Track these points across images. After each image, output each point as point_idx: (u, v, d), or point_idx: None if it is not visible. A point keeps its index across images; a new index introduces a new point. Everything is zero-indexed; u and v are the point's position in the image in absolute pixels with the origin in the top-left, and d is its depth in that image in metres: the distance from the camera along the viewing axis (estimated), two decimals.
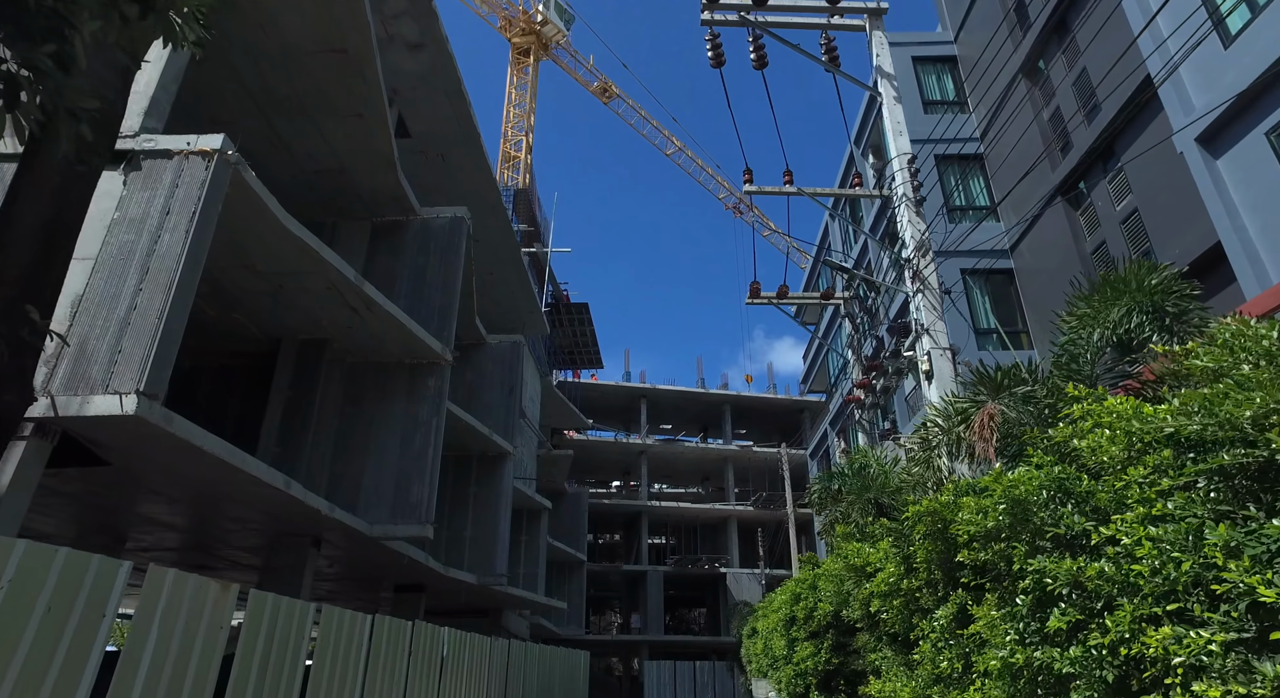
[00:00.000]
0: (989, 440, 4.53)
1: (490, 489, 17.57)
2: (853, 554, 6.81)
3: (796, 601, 9.24)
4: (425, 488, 11.86)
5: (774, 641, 10.68)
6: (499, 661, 10.60)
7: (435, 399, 12.59)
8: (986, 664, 3.55)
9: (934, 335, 8.06)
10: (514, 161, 33.02)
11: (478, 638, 9.46)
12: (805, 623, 8.90)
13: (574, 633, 29.72)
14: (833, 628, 8.54)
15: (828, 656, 8.47)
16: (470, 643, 9.05)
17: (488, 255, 21.53)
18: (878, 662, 6.57)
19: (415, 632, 7.03)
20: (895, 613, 5.71)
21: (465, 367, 19.17)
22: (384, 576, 16.27)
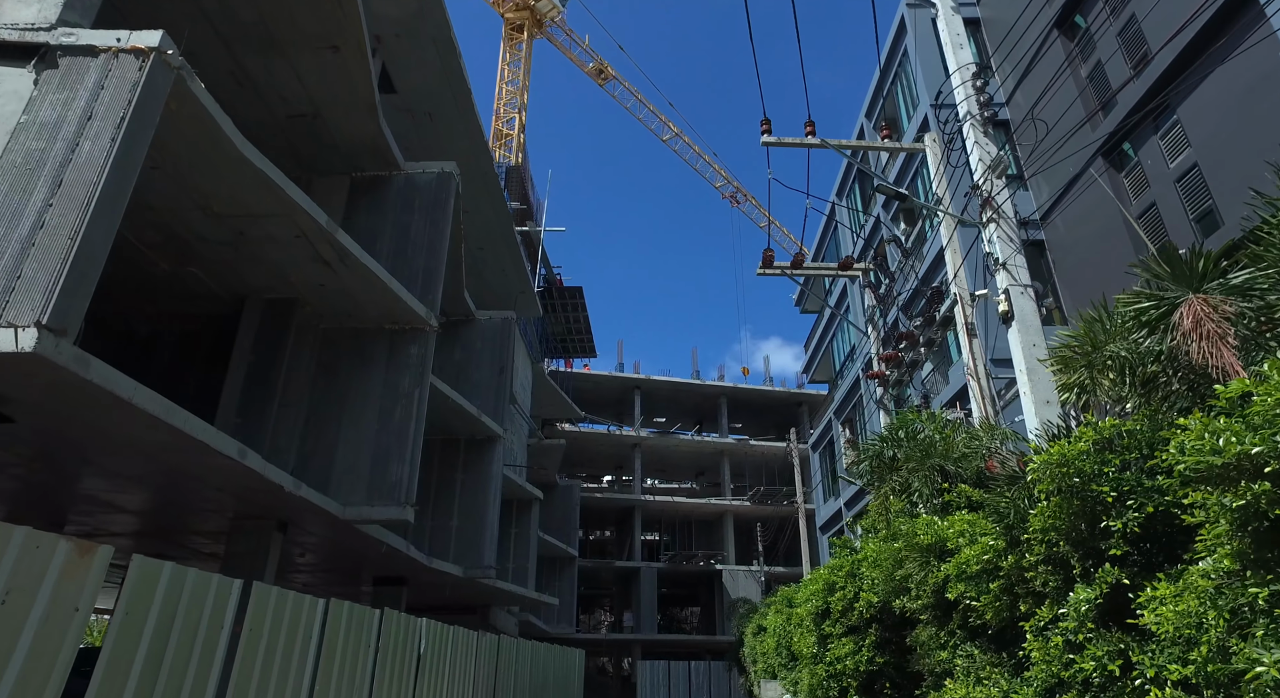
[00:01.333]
0: (1221, 339, 3.32)
1: (478, 475, 16.31)
2: (919, 530, 5.62)
3: (831, 591, 8.05)
4: (406, 466, 10.60)
5: (799, 637, 9.49)
6: (487, 659, 9.38)
7: (418, 369, 11.32)
8: (1248, 667, 2.35)
9: (1012, 271, 6.90)
10: (506, 140, 31.72)
11: (463, 633, 8.24)
12: (843, 617, 7.71)
13: (564, 631, 28.48)
14: (877, 622, 7.36)
15: (870, 654, 7.28)
16: (455, 639, 7.84)
17: (478, 230, 20.26)
18: (952, 662, 5.38)
19: (385, 622, 5.81)
20: (991, 599, 4.52)
21: (453, 345, 17.90)
22: (363, 567, 14.99)
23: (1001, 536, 4.40)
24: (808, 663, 8.92)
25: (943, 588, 5.45)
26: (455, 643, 7.92)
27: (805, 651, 8.71)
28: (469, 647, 8.47)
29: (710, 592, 39.13)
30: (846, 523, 23.91)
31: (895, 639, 7.31)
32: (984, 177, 7.16)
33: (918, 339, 11.23)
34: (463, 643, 8.18)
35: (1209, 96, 10.64)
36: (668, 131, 43.51)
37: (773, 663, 14.33)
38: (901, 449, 6.31)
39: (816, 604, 8.36)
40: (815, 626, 8.44)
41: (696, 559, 37.07)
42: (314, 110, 11.65)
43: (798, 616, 9.80)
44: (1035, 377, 6.10)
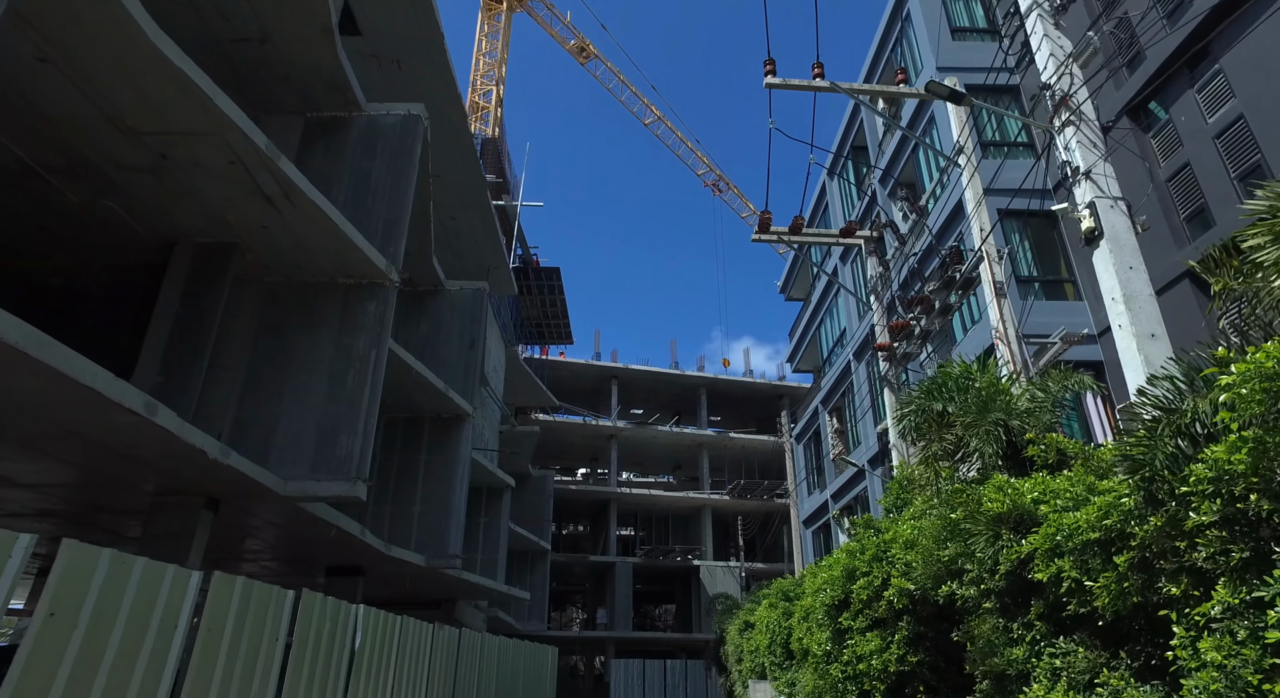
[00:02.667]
0: None
1: (444, 457, 14.98)
2: (989, 496, 4.48)
3: (850, 578, 6.91)
4: (358, 437, 9.27)
5: (804, 633, 8.34)
6: (445, 655, 8.11)
7: (375, 328, 9.99)
8: None
9: (1099, 181, 5.77)
10: (483, 113, 30.28)
11: (416, 625, 6.98)
12: (867, 608, 6.57)
13: (535, 628, 27.18)
14: (910, 614, 6.23)
15: (901, 651, 6.15)
16: (405, 631, 6.58)
17: (449, 195, 18.88)
18: (1031, 662, 4.25)
19: (303, 609, 4.54)
20: (1112, 579, 3.38)
21: (419, 317, 16.54)
22: (316, 555, 13.59)
23: (1136, 490, 3.25)
24: (817, 663, 7.77)
25: (1021, 567, 4.31)
26: (406, 636, 6.66)
27: (815, 648, 7.56)
28: (422, 641, 7.21)
29: (687, 589, 38.04)
30: (833, 516, 22.94)
31: (934, 634, 6.19)
32: (1060, 71, 6.05)
33: (933, 305, 10.15)
34: (414, 637, 6.92)
35: (1264, 44, 9.68)
36: (650, 115, 42.33)
37: (763, 662, 13.21)
38: (952, 403, 5.20)
39: (832, 594, 7.21)
40: (830, 619, 7.29)
41: (674, 555, 35.95)
42: (262, 33, 10.24)
43: (802, 608, 8.64)
44: (1136, 306, 5.01)
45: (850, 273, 22.13)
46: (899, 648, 6.19)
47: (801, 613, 8.70)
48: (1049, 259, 13.95)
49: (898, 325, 10.93)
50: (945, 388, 5.26)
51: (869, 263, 13.73)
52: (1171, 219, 11.27)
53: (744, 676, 15.71)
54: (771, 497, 37.50)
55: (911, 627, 6.19)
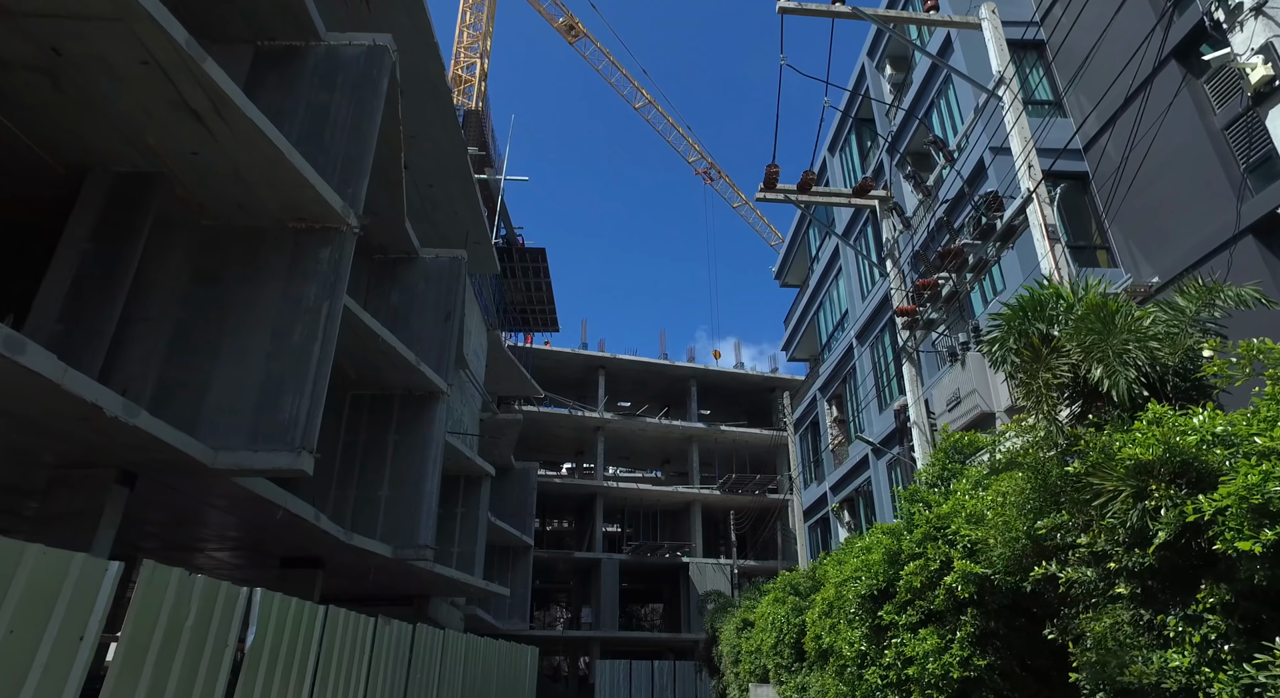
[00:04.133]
0: None
1: (416, 438, 13.61)
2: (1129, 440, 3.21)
3: (894, 562, 5.64)
4: (304, 401, 7.91)
5: (826, 629, 7.08)
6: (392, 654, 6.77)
7: (329, 277, 8.62)
8: None
9: (1277, 16, 4.53)
10: (466, 86, 28.86)
11: (346, 618, 5.66)
12: (920, 598, 5.31)
13: (516, 627, 25.81)
14: (974, 606, 4.97)
15: (966, 652, 4.89)
16: (331, 625, 5.25)
17: (425, 160, 17.50)
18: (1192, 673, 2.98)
19: (145, 586, 3.25)
20: None
21: (391, 286, 15.15)
22: (268, 544, 12.18)
23: None
24: (844, 665, 6.50)
25: (1188, 535, 3.04)
26: (334, 632, 5.34)
27: (844, 648, 6.28)
28: (358, 636, 5.88)
29: (675, 587, 36.78)
30: (832, 509, 21.76)
31: (1005, 632, 4.93)
32: None
33: (965, 259, 8.93)
34: (347, 632, 5.59)
35: None
36: (640, 99, 41.07)
37: (765, 664, 11.95)
38: (1058, 326, 3.95)
39: (869, 583, 5.94)
40: (866, 613, 6.01)
41: (662, 551, 34.66)
42: None
43: (823, 601, 7.37)
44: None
45: (853, 252, 20.95)
46: (962, 648, 4.93)
47: (822, 607, 7.43)
48: (1079, 225, 12.80)
49: (924, 285, 9.70)
50: (1041, 308, 4.04)
51: (883, 226, 12.50)
52: (1232, 170, 10.13)
53: (742, 678, 14.45)
54: (763, 492, 36.31)
55: (979, 622, 4.94)
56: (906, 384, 11.23)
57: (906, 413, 12.42)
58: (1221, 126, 10.21)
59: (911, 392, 11.12)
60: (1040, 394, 3.58)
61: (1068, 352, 3.64)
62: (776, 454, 38.02)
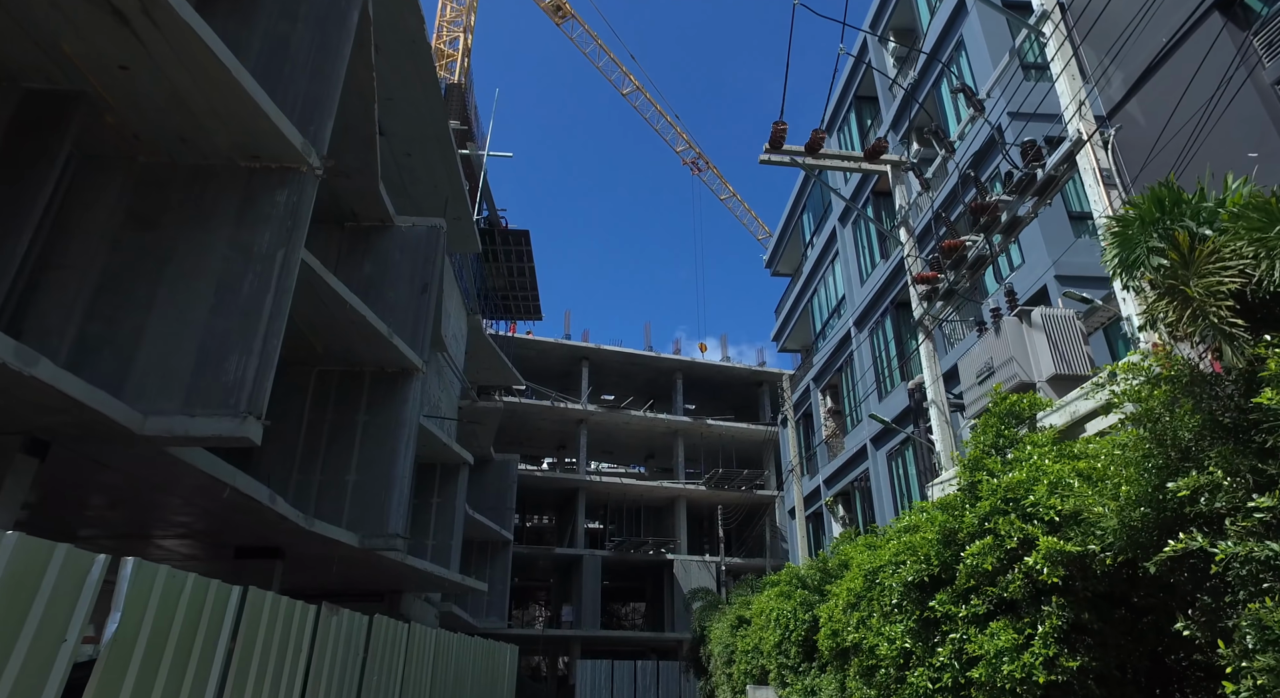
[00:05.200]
0: None
1: (387, 418, 12.53)
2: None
3: (948, 542, 4.72)
4: (252, 360, 6.85)
5: (862, 626, 6.15)
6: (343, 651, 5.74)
7: (285, 223, 7.56)
8: None
9: None
10: (449, 61, 27.69)
11: (275, 602, 4.62)
12: (990, 584, 4.38)
13: (494, 625, 24.73)
14: (1060, 593, 4.06)
15: (1051, 650, 3.97)
16: (256, 613, 4.22)
17: (402, 126, 16.41)
18: None
19: None
20: None
21: (363, 255, 14.03)
22: (221, 530, 11.06)
23: None
24: (880, 665, 5.57)
25: None
26: (256, 619, 4.31)
27: (882, 646, 5.35)
28: (292, 628, 4.83)
29: (658, 584, 35.85)
30: (826, 503, 20.92)
31: (1100, 626, 4.02)
32: None
33: (998, 216, 8.06)
34: (275, 620, 4.54)
35: None
36: (628, 85, 40.09)
37: (765, 664, 11.02)
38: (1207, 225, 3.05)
39: (917, 568, 5.00)
40: (913, 603, 5.08)
41: (646, 547, 33.69)
42: None
43: (849, 592, 6.44)
44: None
45: (851, 236, 20.13)
46: (1045, 646, 4.00)
47: (845, 599, 6.50)
48: None
49: (950, 246, 8.81)
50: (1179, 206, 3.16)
51: (895, 193, 11.63)
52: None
53: (736, 680, 13.51)
54: (751, 488, 35.48)
55: (1067, 613, 4.01)
56: (923, 360, 10.36)
57: (921, 391, 11.56)
58: (1272, 82, 9.45)
59: (929, 368, 10.26)
60: (1201, 308, 2.70)
61: (1229, 254, 2.77)
62: (764, 450, 37.22)
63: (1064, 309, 7.64)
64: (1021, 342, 7.58)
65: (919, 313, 10.39)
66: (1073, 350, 7.33)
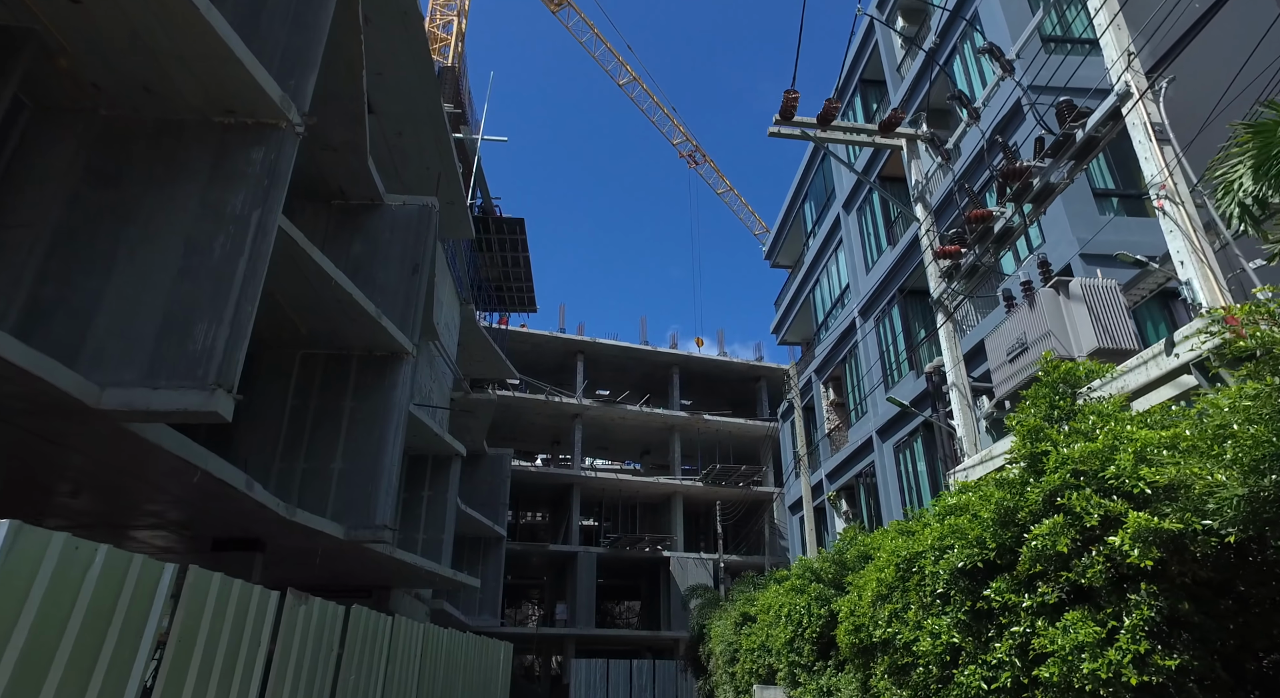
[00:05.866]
0: None
1: (375, 404, 11.90)
2: None
3: (1006, 522, 4.17)
4: (223, 329, 6.23)
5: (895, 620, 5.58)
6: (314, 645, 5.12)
7: (262, 182, 6.94)
8: None
9: None
10: (442, 45, 27.02)
11: (223, 586, 4.00)
12: (1065, 569, 3.81)
13: (487, 624, 24.10)
14: (1151, 579, 3.48)
15: (1142, 647, 3.38)
16: (191, 599, 3.59)
17: (393, 103, 15.77)
18: None
19: None
20: None
21: (351, 235, 13.40)
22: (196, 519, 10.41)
23: None
24: (918, 663, 4.99)
25: None
26: (198, 605, 3.67)
27: (924, 641, 4.77)
28: (249, 617, 4.18)
29: (655, 583, 35.27)
30: (829, 498, 20.37)
31: (1200, 618, 3.44)
32: None
33: (1030, 181, 7.49)
34: (224, 607, 3.88)
35: None
36: (625, 75, 39.48)
37: (773, 663, 10.45)
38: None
39: (968, 552, 4.43)
40: (964, 593, 4.50)
41: (642, 544, 33.09)
42: None
43: (879, 583, 5.87)
44: None
45: (856, 223, 19.58)
46: (1134, 640, 3.42)
47: (874, 590, 5.91)
48: (1127, 175, 11.49)
49: (976, 217, 8.25)
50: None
51: (910, 169, 11.07)
52: None
53: (739, 679, 12.94)
54: (748, 484, 34.92)
55: (1159, 603, 3.43)
56: (943, 341, 9.80)
57: (940, 375, 11.02)
58: None
59: (949, 349, 9.70)
60: None
61: None
62: (762, 446, 36.67)
63: (1103, 280, 7.08)
64: (1059, 314, 7.02)
65: (938, 292, 9.83)
66: (1116, 323, 6.78)
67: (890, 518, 16.05)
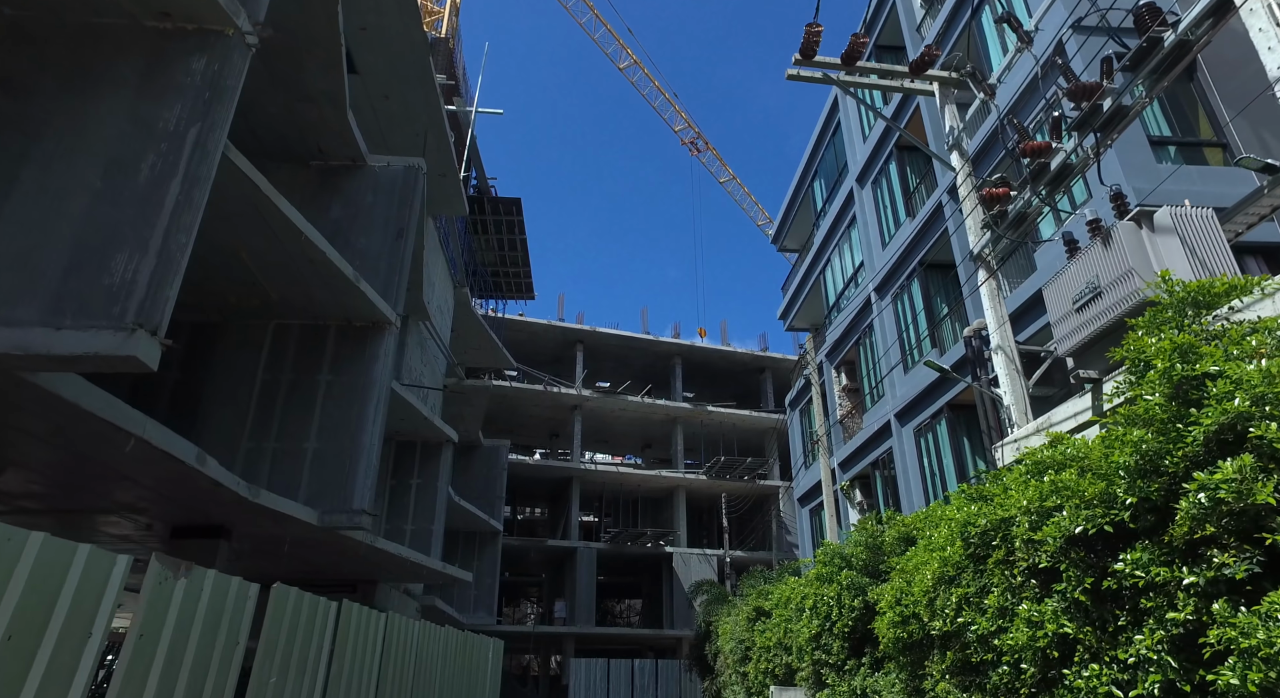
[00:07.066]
0: None
1: (354, 378, 10.85)
2: None
3: (1147, 471, 3.09)
4: (147, 259, 5.18)
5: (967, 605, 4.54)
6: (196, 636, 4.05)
7: (202, 95, 5.89)
8: None
9: None
10: (435, 18, 25.97)
11: (96, 561, 2.92)
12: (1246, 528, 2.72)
13: (482, 621, 23.05)
14: None
15: None
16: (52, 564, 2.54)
17: (378, 62, 14.71)
18: None
19: None
20: None
21: (331, 199, 12.34)
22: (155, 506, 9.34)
23: None
24: (1004, 659, 3.94)
25: None
26: (80, 585, 2.62)
27: (1015, 634, 3.73)
28: (95, 584, 3.07)
29: (657, 580, 34.19)
30: (841, 488, 19.31)
31: None
32: None
33: (1099, 102, 6.43)
34: (49, 572, 2.77)
35: None
36: (626, 59, 38.42)
37: (796, 662, 9.38)
38: None
39: (1087, 514, 3.38)
40: (1079, 565, 3.45)
41: (644, 539, 32.01)
42: None
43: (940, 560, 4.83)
44: None
45: (871, 196, 18.53)
46: None
47: (938, 572, 4.86)
48: (1182, 119, 10.44)
49: (1031, 149, 7.19)
50: None
51: (944, 114, 10.00)
52: None
53: (754, 680, 11.88)
54: (754, 477, 33.86)
55: None
56: (985, 300, 8.75)
57: (980, 338, 9.96)
58: None
59: (992, 308, 8.66)
60: None
61: None
62: (767, 439, 35.62)
63: (1192, 208, 6.02)
64: (1142, 251, 5.95)
65: (979, 246, 8.78)
66: (1216, 256, 5.72)
67: (910, 508, 15.00)
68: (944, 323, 14.89)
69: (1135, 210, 6.22)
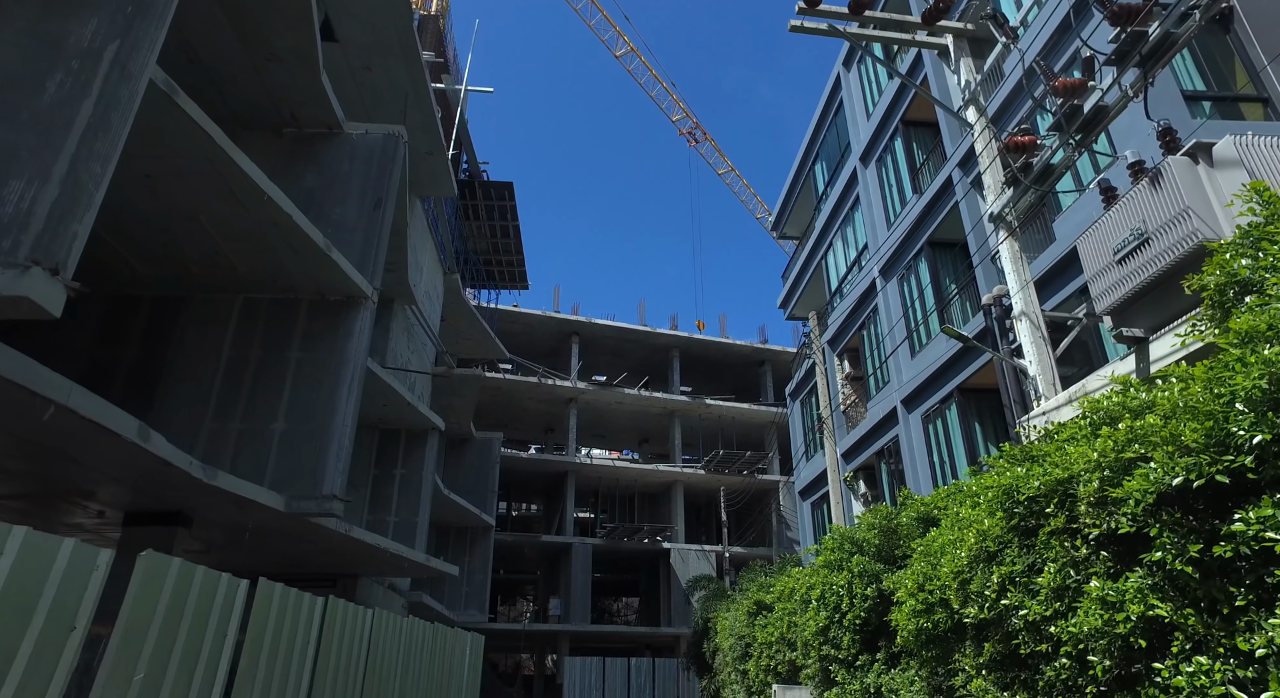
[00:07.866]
0: None
1: (326, 355, 10.12)
2: None
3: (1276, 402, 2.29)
4: (48, 188, 4.48)
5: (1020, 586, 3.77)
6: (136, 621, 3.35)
7: (122, 9, 5.13)
8: None
9: None
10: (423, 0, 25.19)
11: None
12: None
13: (474, 619, 22.31)
14: None
15: None
16: None
17: (358, 30, 13.98)
18: None
19: None
20: None
21: (305, 168, 11.63)
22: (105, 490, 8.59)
23: None
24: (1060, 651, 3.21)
25: None
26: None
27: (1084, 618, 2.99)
28: None
29: (654, 577, 33.48)
30: (845, 479, 18.57)
31: None
32: None
33: (1145, 31, 5.70)
34: None
35: None
36: (622, 46, 37.68)
37: (800, 659, 8.64)
38: None
39: (1186, 463, 2.61)
40: (1175, 528, 2.68)
41: (641, 535, 31.27)
42: None
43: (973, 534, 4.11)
44: None
45: (875, 176, 17.80)
46: None
47: (974, 549, 4.13)
48: (1217, 73, 9.72)
49: (1065, 86, 6.46)
50: None
51: (959, 69, 9.27)
52: None
53: (754, 678, 11.15)
54: (753, 472, 33.13)
55: None
56: (1007, 263, 8.04)
57: (1000, 306, 9.23)
58: None
59: (1015, 271, 7.95)
60: None
61: None
62: (766, 433, 34.89)
63: (1261, 138, 5.28)
64: (1200, 189, 5.23)
65: (1000, 205, 8.06)
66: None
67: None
68: (953, 302, 14.17)
69: (1191, 144, 5.48)
